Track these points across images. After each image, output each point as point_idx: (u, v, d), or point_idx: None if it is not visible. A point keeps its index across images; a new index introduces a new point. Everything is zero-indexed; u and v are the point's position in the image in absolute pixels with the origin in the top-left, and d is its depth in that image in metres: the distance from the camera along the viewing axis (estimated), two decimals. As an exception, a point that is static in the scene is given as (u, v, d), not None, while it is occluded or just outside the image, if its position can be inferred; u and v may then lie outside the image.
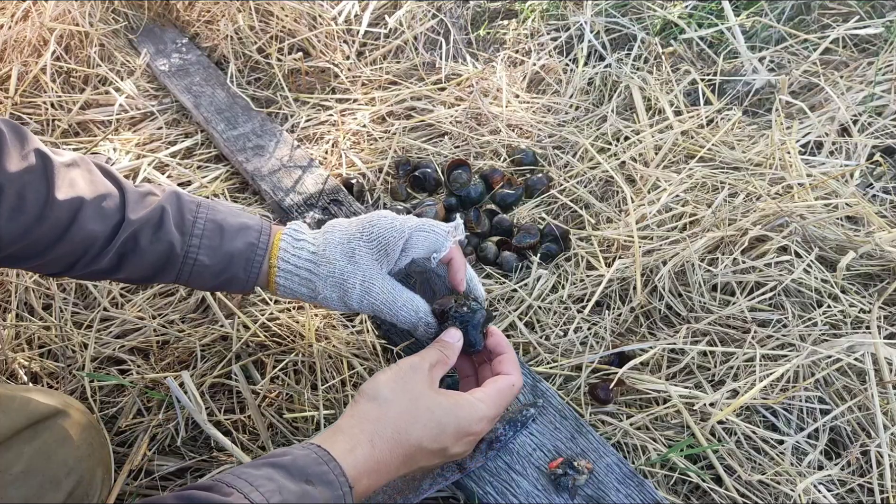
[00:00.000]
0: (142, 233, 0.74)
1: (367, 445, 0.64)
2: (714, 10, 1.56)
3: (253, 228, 0.80)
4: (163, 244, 0.75)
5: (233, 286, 0.81)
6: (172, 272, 0.77)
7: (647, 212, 1.14)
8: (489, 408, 0.73)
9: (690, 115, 1.35)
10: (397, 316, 0.81)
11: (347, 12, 1.63)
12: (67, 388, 1.00)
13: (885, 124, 1.30)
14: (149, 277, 0.78)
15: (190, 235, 0.77)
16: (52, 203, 0.70)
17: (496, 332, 0.82)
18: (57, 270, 0.75)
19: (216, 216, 0.79)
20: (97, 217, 0.72)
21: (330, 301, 0.81)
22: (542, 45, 1.59)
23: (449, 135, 1.40)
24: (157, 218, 0.75)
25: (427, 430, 0.67)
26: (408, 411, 0.68)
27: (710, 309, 1.01)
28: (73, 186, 0.72)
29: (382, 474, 0.65)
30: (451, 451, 0.70)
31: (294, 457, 0.60)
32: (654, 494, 0.80)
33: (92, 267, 0.75)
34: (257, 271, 0.79)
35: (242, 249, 0.78)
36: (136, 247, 0.75)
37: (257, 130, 1.40)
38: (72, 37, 1.61)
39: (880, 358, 0.91)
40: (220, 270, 0.78)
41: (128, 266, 0.76)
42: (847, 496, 0.85)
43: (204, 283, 0.80)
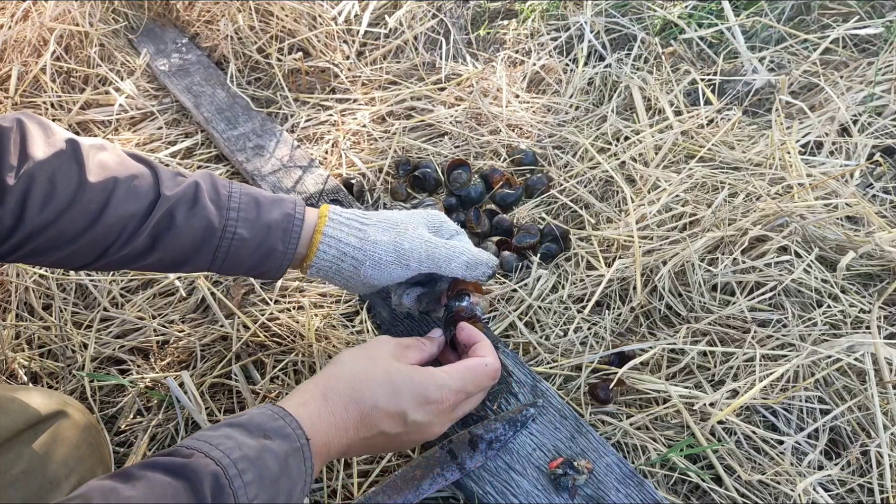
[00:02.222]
0: (178, 209, 0.73)
1: (319, 399, 0.65)
2: (714, 10, 1.56)
3: (287, 201, 0.80)
4: (200, 219, 0.74)
5: (269, 263, 0.78)
6: (209, 251, 0.76)
7: (647, 212, 1.14)
8: (453, 379, 0.72)
9: (690, 115, 1.35)
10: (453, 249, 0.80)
11: (347, 12, 1.63)
12: (67, 388, 1.00)
13: (885, 124, 1.30)
14: (182, 260, 0.76)
15: (227, 209, 0.76)
16: (84, 186, 0.69)
17: (467, 326, 0.81)
18: (88, 260, 0.73)
19: (249, 190, 0.79)
20: (131, 196, 0.72)
21: (379, 248, 0.78)
22: (542, 45, 1.59)
23: (449, 135, 1.40)
24: (192, 194, 0.74)
25: (382, 388, 0.68)
26: (364, 371, 0.68)
27: (710, 309, 1.01)
28: (104, 168, 0.71)
29: (340, 430, 0.65)
30: (411, 416, 0.69)
31: (251, 415, 0.61)
32: (653, 494, 0.80)
33: (125, 249, 0.73)
34: (296, 240, 0.78)
35: (279, 220, 0.77)
36: (171, 224, 0.73)
37: (257, 130, 1.40)
38: (72, 37, 1.61)
39: (880, 358, 0.91)
40: (259, 244, 0.77)
41: (163, 245, 0.74)
42: (847, 496, 0.85)
43: (241, 262, 0.78)
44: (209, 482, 0.53)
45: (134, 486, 0.51)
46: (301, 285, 1.11)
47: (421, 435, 0.72)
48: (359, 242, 0.79)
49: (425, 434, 0.73)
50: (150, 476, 0.52)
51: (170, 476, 0.52)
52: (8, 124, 0.68)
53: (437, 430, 0.73)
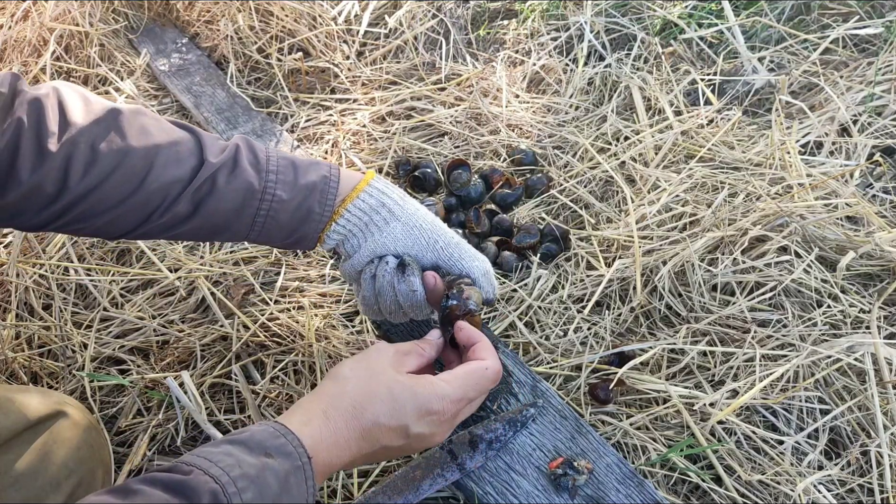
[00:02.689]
0: (219, 173, 0.74)
1: (321, 417, 0.64)
2: (714, 10, 1.56)
3: (323, 164, 0.80)
4: (240, 182, 0.74)
5: (306, 227, 0.79)
6: (249, 214, 0.76)
7: (647, 212, 1.14)
8: (454, 388, 0.71)
9: (690, 115, 1.35)
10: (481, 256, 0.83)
11: (347, 12, 1.63)
12: (67, 388, 1.00)
13: (885, 124, 1.30)
14: (222, 226, 0.76)
15: (266, 171, 0.76)
16: (127, 152, 0.69)
17: (465, 326, 0.80)
18: (129, 227, 0.74)
19: (286, 154, 0.79)
20: (174, 162, 0.72)
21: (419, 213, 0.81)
22: (542, 45, 1.59)
23: (449, 135, 1.40)
24: (232, 158, 0.75)
25: (384, 405, 0.67)
26: (365, 386, 0.68)
27: (710, 309, 1.01)
28: (145, 133, 0.71)
29: (342, 448, 0.64)
30: (413, 429, 0.68)
31: (252, 432, 0.61)
32: (654, 494, 0.80)
33: (167, 215, 0.73)
34: (332, 201, 0.78)
35: (317, 181, 0.78)
36: (213, 189, 0.73)
37: (257, 130, 1.40)
38: (72, 37, 1.61)
39: (880, 358, 0.91)
40: (298, 206, 0.77)
41: (204, 211, 0.74)
42: (847, 496, 0.85)
43: (280, 227, 0.78)
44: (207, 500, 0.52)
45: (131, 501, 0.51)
46: (301, 285, 1.11)
47: (423, 444, 0.72)
48: (401, 200, 0.81)
49: (427, 443, 0.72)
50: (148, 492, 0.52)
51: (168, 493, 0.52)
52: (45, 91, 0.68)
53: (440, 438, 0.73)
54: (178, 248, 1.17)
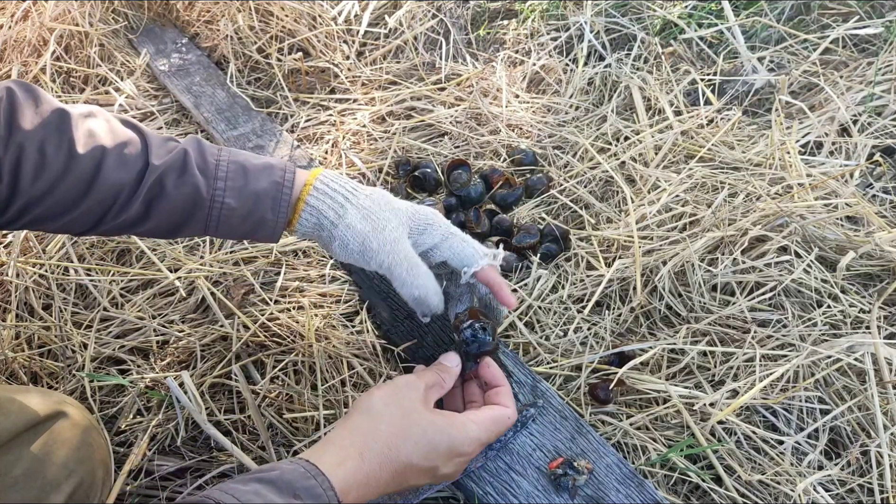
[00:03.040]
0: (167, 177, 0.73)
1: (356, 458, 0.63)
2: (714, 10, 1.56)
3: (277, 167, 0.79)
4: (188, 187, 0.74)
5: (262, 230, 0.78)
6: (201, 218, 0.76)
7: (647, 212, 1.14)
8: (481, 432, 0.72)
9: (690, 115, 1.35)
10: (414, 279, 0.79)
11: (347, 12, 1.63)
12: (67, 388, 1.00)
13: (885, 124, 1.30)
14: (178, 225, 0.77)
15: (214, 178, 0.75)
16: (74, 156, 0.69)
17: (492, 365, 0.80)
18: (87, 227, 0.74)
19: (238, 157, 0.78)
20: (120, 165, 0.72)
21: (350, 233, 0.78)
22: (542, 45, 1.59)
23: (449, 135, 1.40)
24: (181, 161, 0.74)
25: (418, 447, 0.67)
26: (400, 427, 0.67)
27: (710, 309, 1.01)
28: (92, 136, 0.71)
29: (371, 488, 0.64)
30: (441, 471, 0.69)
31: (281, 471, 0.59)
32: (654, 494, 0.80)
33: (121, 217, 0.73)
34: (286, 209, 0.78)
35: (268, 188, 0.77)
36: (162, 192, 0.73)
37: (257, 130, 1.40)
38: (72, 37, 1.61)
39: (880, 358, 0.91)
40: (248, 213, 0.77)
41: (156, 213, 0.74)
42: (847, 496, 0.85)
43: (233, 230, 0.78)
44: None
45: None
46: (301, 285, 1.11)
47: (441, 481, 0.74)
48: (336, 219, 0.78)
49: (445, 480, 0.74)
50: None
51: None
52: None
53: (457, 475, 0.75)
54: (178, 248, 1.17)
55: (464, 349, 0.81)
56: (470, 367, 0.81)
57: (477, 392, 0.82)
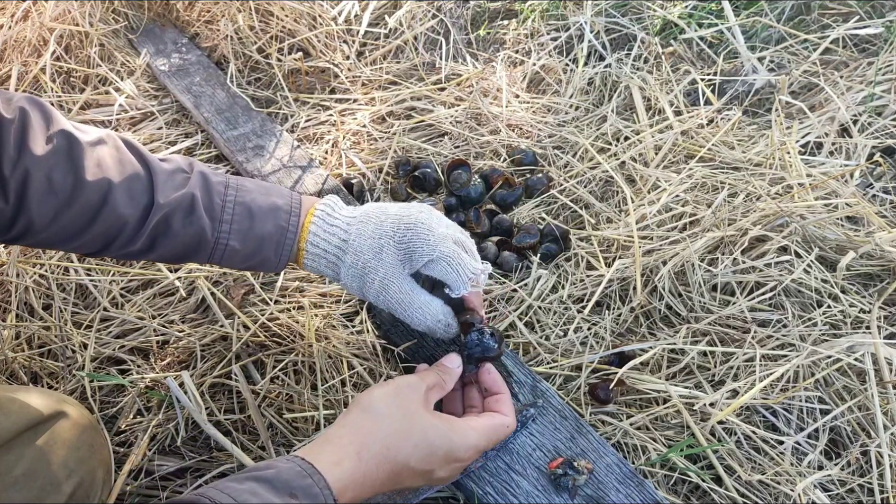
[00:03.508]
0: (173, 217, 0.75)
1: (353, 458, 0.63)
2: (714, 10, 1.56)
3: (282, 210, 0.80)
4: (194, 228, 0.76)
5: (264, 268, 0.83)
6: (204, 255, 0.78)
7: (647, 212, 1.14)
8: (480, 439, 0.72)
9: (690, 115, 1.35)
10: (410, 318, 0.82)
11: (347, 12, 1.63)
12: (67, 388, 1.00)
13: (885, 124, 1.30)
14: (181, 258, 0.80)
15: (220, 221, 0.77)
16: (81, 185, 0.69)
17: (493, 371, 0.81)
18: (95, 250, 0.76)
19: (245, 198, 0.79)
20: (127, 200, 0.72)
21: (350, 288, 0.83)
22: (542, 45, 1.59)
23: (449, 135, 1.40)
24: (188, 203, 0.75)
25: (418, 450, 0.67)
26: (401, 428, 0.67)
27: (710, 309, 1.01)
28: (100, 167, 0.71)
29: (367, 488, 0.64)
30: (436, 474, 0.69)
31: (278, 470, 0.59)
32: (654, 494, 0.80)
33: (127, 248, 0.76)
34: (288, 253, 0.81)
35: (272, 232, 0.79)
36: (168, 230, 0.75)
37: (257, 130, 1.40)
38: (72, 37, 1.61)
39: (880, 358, 0.91)
40: (251, 254, 0.79)
41: (160, 248, 0.76)
42: (847, 496, 0.85)
43: (235, 265, 0.81)
44: None
45: None
46: (301, 285, 1.11)
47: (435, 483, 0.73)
48: (335, 276, 0.83)
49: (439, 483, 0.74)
50: None
51: None
52: (10, 116, 0.68)
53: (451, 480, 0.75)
54: (179, 248, 1.17)
55: (467, 352, 0.81)
56: (471, 370, 0.81)
57: (476, 397, 0.82)
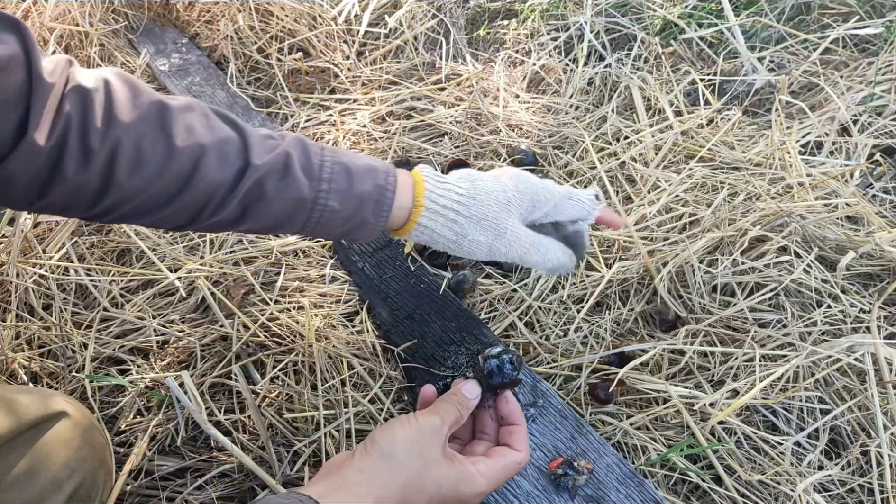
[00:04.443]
0: (268, 179, 0.71)
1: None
2: (714, 10, 1.56)
3: (380, 170, 0.77)
4: (291, 191, 0.72)
5: (360, 231, 0.77)
6: (300, 220, 0.74)
7: (647, 212, 1.14)
8: (490, 484, 0.70)
9: (690, 115, 1.35)
10: (545, 257, 0.80)
11: (347, 12, 1.63)
12: (67, 388, 1.00)
13: (885, 124, 1.30)
14: (274, 227, 0.75)
15: (319, 180, 0.73)
16: (172, 152, 0.67)
17: (511, 400, 0.77)
18: (181, 223, 0.72)
19: (342, 158, 0.76)
20: (219, 164, 0.69)
21: (475, 245, 0.78)
22: (542, 45, 1.59)
23: (449, 135, 1.40)
24: (283, 163, 0.72)
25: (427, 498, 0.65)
26: (417, 480, 0.65)
27: (710, 310, 1.01)
28: (191, 132, 0.69)
29: None
30: None
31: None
32: (654, 494, 0.80)
33: (216, 217, 0.71)
34: (387, 213, 0.76)
35: (371, 191, 0.75)
36: (261, 195, 0.71)
37: (257, 130, 1.40)
38: (72, 37, 1.61)
39: (880, 358, 0.91)
40: (350, 215, 0.75)
41: (253, 215, 0.73)
42: (847, 496, 0.85)
43: (331, 230, 0.77)
44: None
45: None
46: (301, 285, 1.11)
47: None
48: (454, 236, 0.77)
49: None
50: None
51: None
52: (93, 85, 0.66)
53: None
54: (179, 248, 1.17)
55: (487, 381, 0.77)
56: (488, 397, 0.77)
57: (490, 424, 0.79)
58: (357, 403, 0.94)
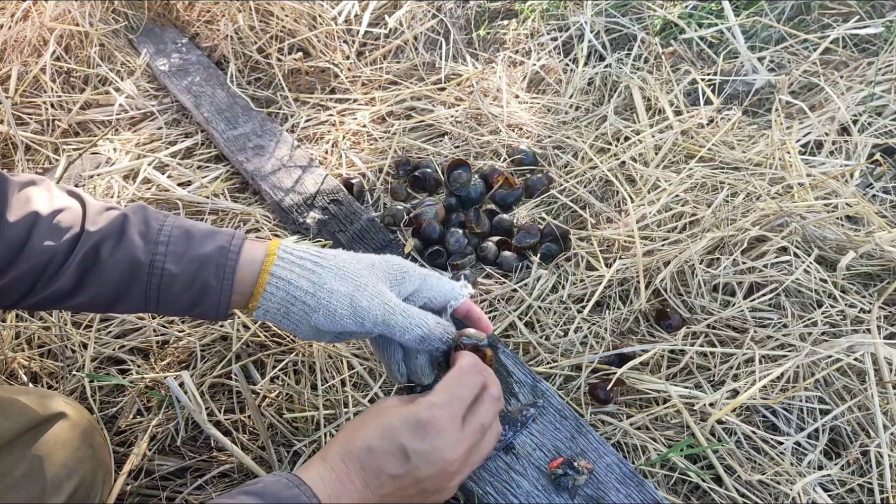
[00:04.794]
0: (103, 245, 0.69)
1: (318, 461, 0.64)
2: (714, 10, 1.56)
3: (225, 233, 0.74)
4: (125, 254, 0.69)
5: (206, 301, 0.72)
6: (140, 288, 0.71)
7: (647, 212, 1.14)
8: (438, 395, 0.67)
9: (690, 115, 1.35)
10: (412, 320, 0.73)
11: (347, 12, 1.63)
12: (67, 388, 1.00)
13: (885, 124, 1.30)
14: (114, 299, 0.72)
15: (155, 243, 0.71)
16: (3, 225, 0.66)
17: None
18: (15, 298, 0.70)
19: (184, 223, 0.74)
20: (53, 231, 0.68)
21: (334, 298, 0.71)
22: (542, 45, 1.59)
23: (449, 135, 1.40)
24: (119, 227, 0.70)
25: (372, 431, 0.65)
26: (356, 422, 0.67)
27: (710, 310, 1.01)
28: (28, 203, 0.68)
29: (346, 485, 0.62)
30: (410, 447, 0.64)
31: (266, 483, 0.60)
32: (654, 494, 0.80)
33: (52, 286, 0.69)
34: (231, 278, 0.72)
35: (213, 252, 0.71)
36: (97, 260, 0.69)
37: (257, 130, 1.40)
38: (72, 37, 1.61)
39: (880, 358, 0.91)
40: (191, 280, 0.71)
41: (90, 284, 0.70)
42: (847, 496, 0.85)
43: (175, 301, 0.72)
44: None
45: None
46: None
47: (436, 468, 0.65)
48: (312, 287, 0.72)
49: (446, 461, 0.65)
50: None
51: None
52: None
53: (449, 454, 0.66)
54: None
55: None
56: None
57: None
58: (357, 403, 0.94)
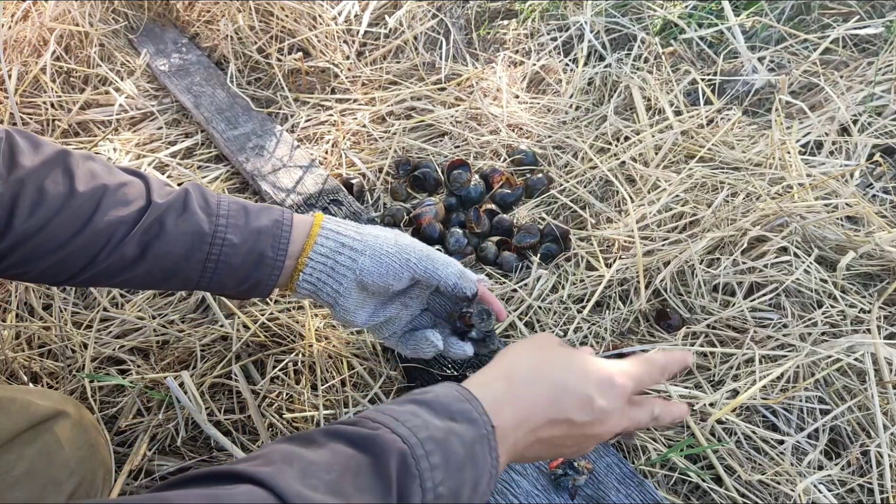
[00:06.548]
0: (167, 215, 0.73)
1: (502, 380, 0.60)
2: (714, 10, 1.57)
3: (275, 209, 0.80)
4: (190, 225, 0.73)
5: (259, 271, 0.77)
6: (200, 259, 0.74)
7: (647, 212, 1.14)
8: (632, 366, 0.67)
9: (690, 115, 1.35)
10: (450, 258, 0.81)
11: (347, 12, 1.63)
12: (67, 388, 1.00)
13: (885, 124, 1.31)
14: (171, 270, 0.75)
15: (216, 216, 0.75)
16: (73, 193, 0.69)
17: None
18: (73, 271, 0.72)
19: (237, 200, 0.79)
20: (120, 202, 0.71)
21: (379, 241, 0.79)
22: (542, 45, 1.59)
23: (449, 135, 1.40)
24: (182, 201, 0.74)
25: (570, 373, 0.62)
26: (547, 355, 0.64)
27: (710, 310, 1.01)
28: (93, 176, 0.71)
29: (526, 411, 0.59)
30: (598, 401, 0.62)
31: (436, 394, 0.57)
32: (654, 494, 0.80)
33: (112, 258, 0.71)
34: (286, 247, 0.77)
35: (269, 225, 0.77)
36: (161, 231, 0.72)
37: (257, 130, 1.40)
38: (72, 37, 1.61)
39: (880, 358, 0.91)
40: (249, 249, 0.76)
41: (151, 255, 0.73)
42: (847, 496, 0.85)
43: (231, 272, 0.76)
44: (395, 460, 0.49)
45: (316, 451, 0.49)
46: (301, 285, 1.11)
47: (602, 428, 0.63)
48: (358, 235, 0.79)
49: (605, 427, 0.64)
50: (334, 446, 0.50)
51: (354, 448, 0.50)
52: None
53: (615, 423, 0.64)
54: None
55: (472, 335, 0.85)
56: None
57: None
58: (357, 403, 0.94)
